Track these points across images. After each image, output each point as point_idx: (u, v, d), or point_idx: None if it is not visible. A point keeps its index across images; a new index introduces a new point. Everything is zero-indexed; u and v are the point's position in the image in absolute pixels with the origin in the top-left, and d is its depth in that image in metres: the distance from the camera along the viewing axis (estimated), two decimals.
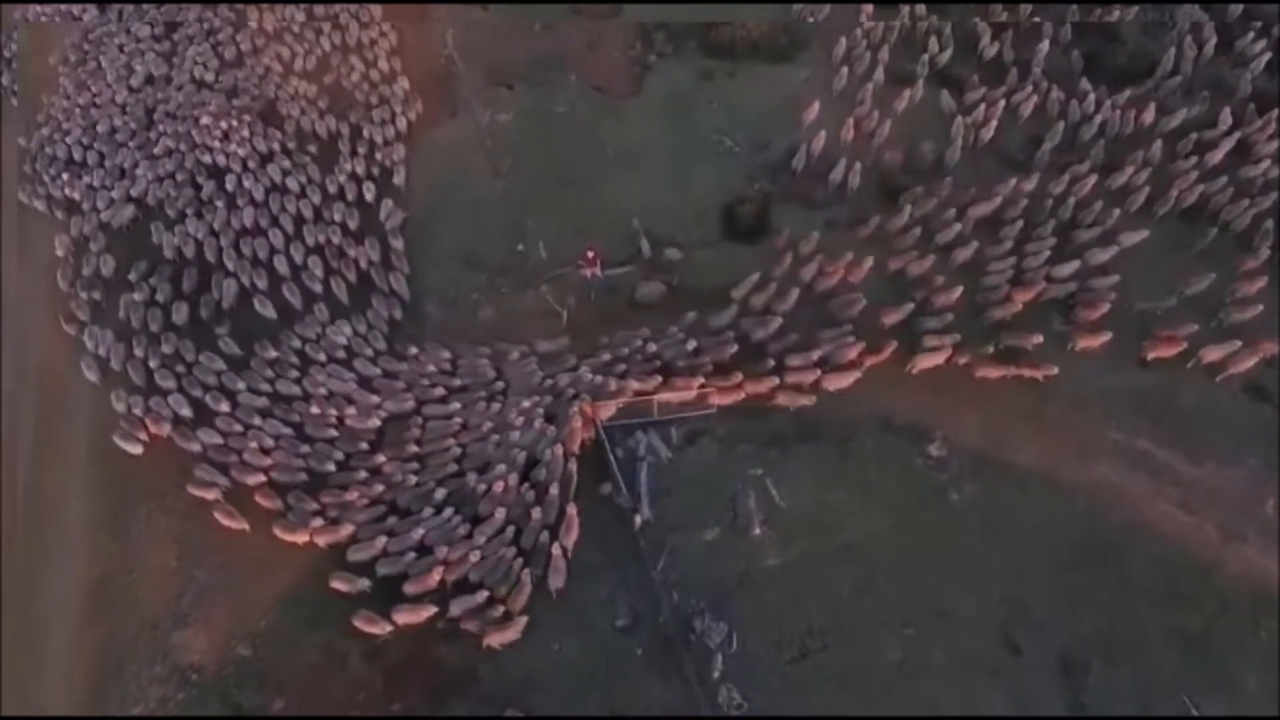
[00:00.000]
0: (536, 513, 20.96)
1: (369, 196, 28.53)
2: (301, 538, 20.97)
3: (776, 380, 23.19)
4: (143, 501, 22.38)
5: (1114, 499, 21.64)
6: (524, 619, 19.77)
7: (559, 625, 20.14)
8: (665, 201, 28.90)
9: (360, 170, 29.21)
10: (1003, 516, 21.47)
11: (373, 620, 19.66)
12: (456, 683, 19.60)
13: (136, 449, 22.72)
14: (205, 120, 29.98)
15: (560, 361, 24.73)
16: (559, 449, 21.91)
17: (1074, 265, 25.01)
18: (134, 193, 28.35)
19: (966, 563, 20.78)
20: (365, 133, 30.32)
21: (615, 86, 32.78)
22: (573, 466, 21.92)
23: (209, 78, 31.91)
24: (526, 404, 23.33)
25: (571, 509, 21.02)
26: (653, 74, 33.03)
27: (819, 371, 23.27)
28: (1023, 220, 26.42)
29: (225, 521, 21.26)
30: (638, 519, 21.58)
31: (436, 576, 20.23)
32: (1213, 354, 23.25)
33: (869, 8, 33.86)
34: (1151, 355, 23.55)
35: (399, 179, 29.41)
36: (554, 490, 21.39)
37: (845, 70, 31.32)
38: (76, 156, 29.72)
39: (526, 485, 21.70)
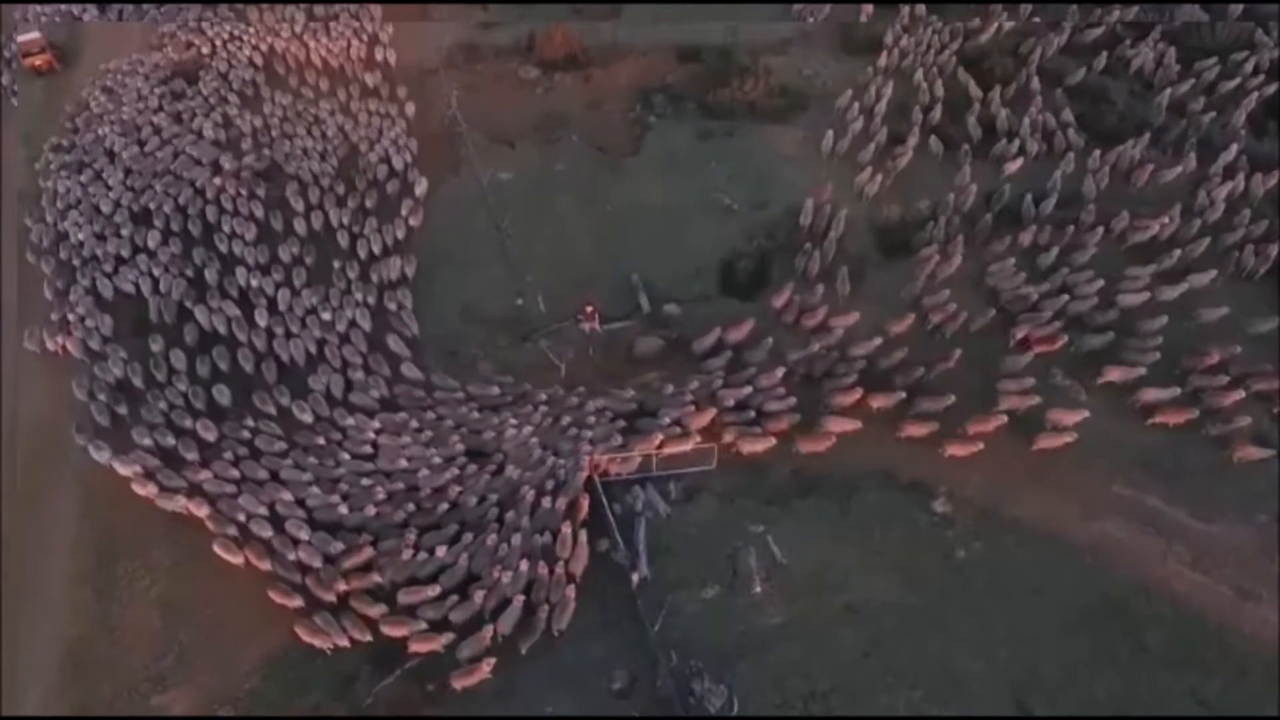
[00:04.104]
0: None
1: (367, 327, 26.63)
2: (411, 628, 20.08)
3: (1004, 418, 23.12)
4: (126, 559, 21.89)
5: (1123, 557, 21.19)
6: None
7: (552, 687, 19.46)
8: (664, 257, 29.13)
9: (361, 299, 27.32)
10: (1010, 574, 20.98)
11: (475, 670, 19.16)
12: None
13: (239, 558, 21.16)
14: (216, 180, 30.08)
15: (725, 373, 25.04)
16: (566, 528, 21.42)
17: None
18: (106, 295, 27.12)
19: (974, 622, 20.22)
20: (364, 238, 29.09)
21: (615, 146, 33.42)
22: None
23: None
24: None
25: (570, 590, 20.37)
26: (652, 134, 33.70)
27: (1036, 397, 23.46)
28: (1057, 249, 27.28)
29: (307, 637, 19.86)
30: (635, 577, 21.05)
31: (479, 599, 20.10)
32: None
33: (869, 7, 34.52)
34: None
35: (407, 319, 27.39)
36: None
37: (846, 124, 32.02)
38: (84, 238, 28.60)
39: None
